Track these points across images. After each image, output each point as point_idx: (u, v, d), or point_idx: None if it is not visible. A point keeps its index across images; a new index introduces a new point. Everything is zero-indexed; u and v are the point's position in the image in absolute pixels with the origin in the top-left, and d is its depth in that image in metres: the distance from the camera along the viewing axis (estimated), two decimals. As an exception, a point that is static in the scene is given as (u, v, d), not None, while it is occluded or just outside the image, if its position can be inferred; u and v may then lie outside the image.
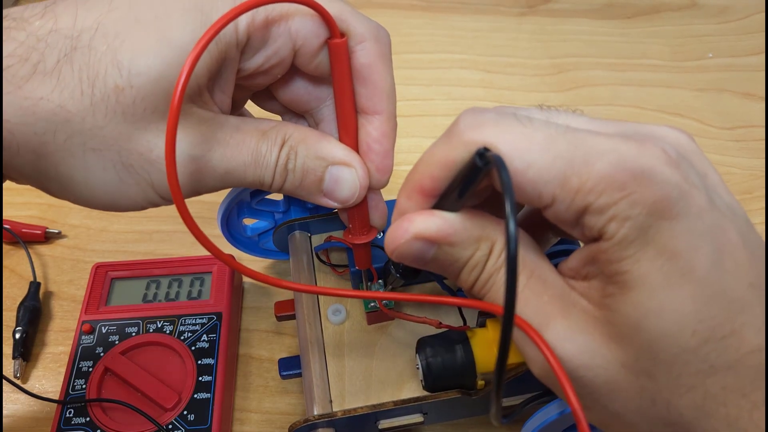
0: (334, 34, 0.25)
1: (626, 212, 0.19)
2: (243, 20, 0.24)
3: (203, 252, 0.42)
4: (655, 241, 0.19)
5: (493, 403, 0.20)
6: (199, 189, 0.26)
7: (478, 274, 0.22)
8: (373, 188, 0.28)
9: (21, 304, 0.40)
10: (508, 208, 0.18)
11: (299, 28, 0.25)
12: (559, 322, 0.21)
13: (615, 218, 0.19)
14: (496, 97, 0.57)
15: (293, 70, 0.27)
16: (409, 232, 0.22)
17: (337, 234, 0.36)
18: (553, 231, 0.26)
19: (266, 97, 0.30)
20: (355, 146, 0.27)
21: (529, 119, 0.21)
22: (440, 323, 0.31)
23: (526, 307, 0.21)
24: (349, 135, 0.27)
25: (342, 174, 0.27)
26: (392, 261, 0.30)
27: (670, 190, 0.19)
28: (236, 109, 0.29)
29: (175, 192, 0.21)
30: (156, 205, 0.26)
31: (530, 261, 0.22)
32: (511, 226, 0.18)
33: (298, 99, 0.28)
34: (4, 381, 0.35)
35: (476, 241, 0.22)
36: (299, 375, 0.33)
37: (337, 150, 0.27)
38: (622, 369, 0.20)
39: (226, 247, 0.41)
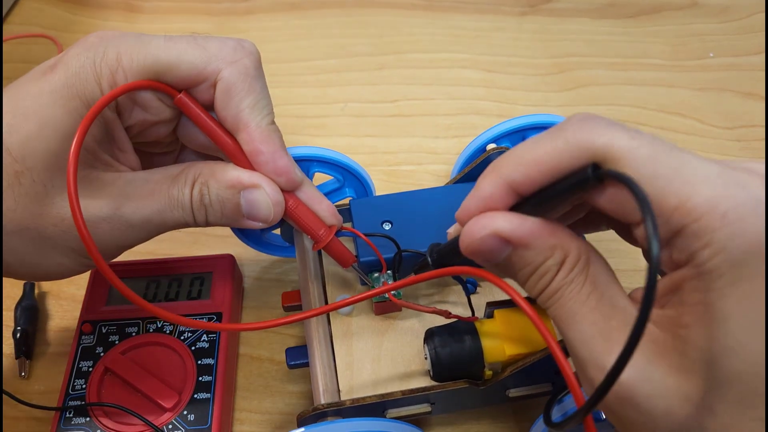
0: (173, 95, 0.27)
1: (723, 243, 0.18)
2: (105, 85, 0.26)
3: (203, 252, 0.42)
4: (747, 279, 0.18)
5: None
6: (123, 244, 0.29)
7: (547, 284, 0.22)
8: (287, 190, 0.29)
9: (18, 304, 0.40)
10: (650, 228, 0.17)
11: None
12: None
13: (710, 246, 0.18)
14: (497, 96, 0.57)
15: (186, 119, 0.29)
16: (488, 228, 0.22)
17: (346, 224, 0.36)
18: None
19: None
20: (250, 166, 0.29)
21: (638, 132, 0.20)
22: (449, 313, 0.31)
23: (593, 327, 0.21)
24: (240, 160, 0.29)
25: (254, 196, 0.28)
26: (427, 250, 0.29)
27: None
28: (167, 162, 0.32)
29: (93, 253, 0.24)
30: (88, 267, 0.29)
31: (602, 283, 0.22)
32: (655, 247, 0.17)
33: (203, 143, 0.30)
34: (2, 384, 0.35)
35: (551, 249, 0.22)
36: (307, 365, 0.33)
37: (244, 175, 0.28)
38: (685, 402, 0.19)
39: (229, 247, 0.41)
